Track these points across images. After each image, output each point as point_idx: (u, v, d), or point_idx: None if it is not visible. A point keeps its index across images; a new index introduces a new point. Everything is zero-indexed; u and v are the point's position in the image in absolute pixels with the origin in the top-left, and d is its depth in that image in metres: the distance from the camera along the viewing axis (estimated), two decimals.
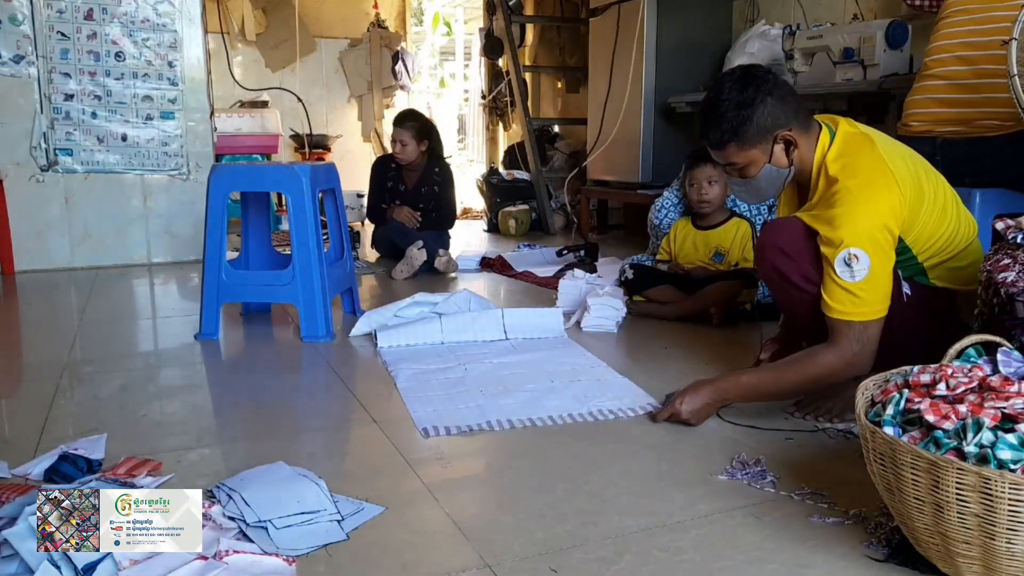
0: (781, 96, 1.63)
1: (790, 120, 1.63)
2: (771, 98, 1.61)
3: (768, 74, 1.66)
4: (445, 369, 2.13)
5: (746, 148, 1.64)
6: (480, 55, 6.36)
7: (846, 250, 1.53)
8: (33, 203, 3.77)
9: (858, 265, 1.52)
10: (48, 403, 1.88)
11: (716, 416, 1.73)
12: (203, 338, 2.48)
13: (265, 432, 1.72)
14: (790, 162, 1.66)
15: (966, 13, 2.18)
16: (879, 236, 1.54)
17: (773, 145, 1.64)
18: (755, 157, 1.65)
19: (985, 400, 1.06)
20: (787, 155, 1.65)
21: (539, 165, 5.27)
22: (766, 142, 1.64)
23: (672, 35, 4.23)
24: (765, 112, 1.61)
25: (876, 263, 1.53)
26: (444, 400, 1.88)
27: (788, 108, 1.63)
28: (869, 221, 1.53)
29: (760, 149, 1.64)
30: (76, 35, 3.74)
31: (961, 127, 2.16)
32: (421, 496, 1.39)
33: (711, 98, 1.66)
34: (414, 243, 3.56)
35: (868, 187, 1.55)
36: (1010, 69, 1.72)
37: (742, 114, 1.61)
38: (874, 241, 1.53)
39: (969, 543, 0.98)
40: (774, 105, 1.61)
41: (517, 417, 1.75)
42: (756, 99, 1.61)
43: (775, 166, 1.66)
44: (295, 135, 6.08)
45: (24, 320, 3.06)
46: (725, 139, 1.64)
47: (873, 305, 1.55)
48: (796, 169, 1.68)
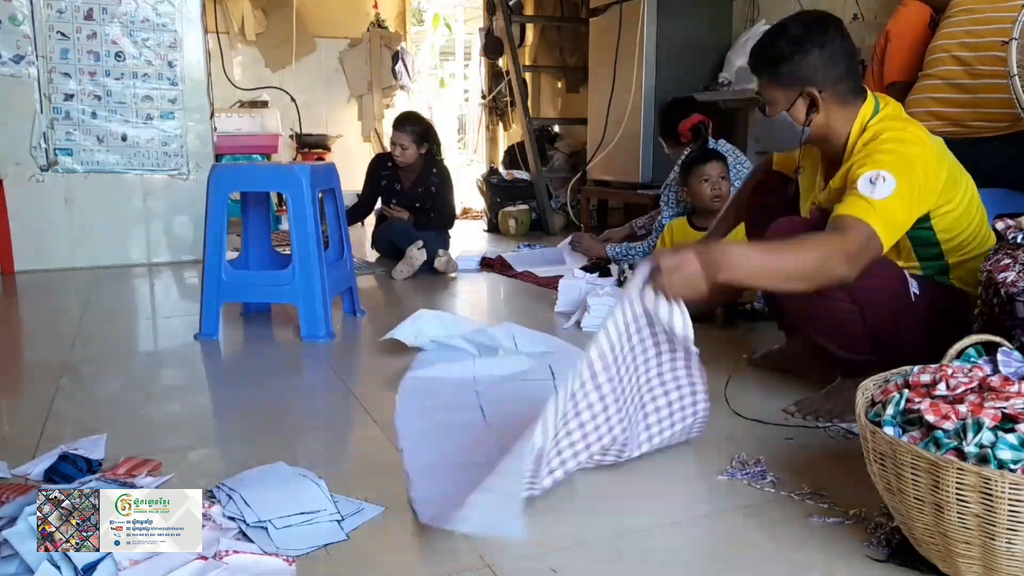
0: (831, 56, 1.59)
1: (827, 83, 1.60)
2: (821, 51, 1.58)
3: (837, 30, 1.61)
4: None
5: (774, 85, 1.64)
6: (480, 55, 6.36)
7: (874, 171, 1.47)
8: (33, 203, 3.76)
9: (883, 185, 1.46)
10: (48, 403, 1.88)
11: (726, 404, 1.75)
12: (203, 338, 2.48)
13: (265, 432, 1.72)
14: (807, 122, 1.62)
15: (968, 13, 2.18)
16: (915, 177, 1.48)
17: (798, 97, 1.62)
18: (778, 98, 1.64)
19: (985, 400, 1.06)
20: (806, 114, 1.62)
21: (539, 165, 5.28)
22: (793, 90, 1.61)
23: (672, 35, 4.23)
24: (807, 61, 1.59)
25: (902, 191, 1.45)
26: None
27: (833, 70, 1.59)
28: (902, 159, 1.49)
29: (785, 93, 1.63)
30: (76, 35, 3.74)
31: (960, 127, 2.16)
32: None
33: (777, 25, 1.66)
34: (414, 243, 3.56)
35: (906, 144, 1.52)
36: (1010, 69, 1.72)
37: (788, 50, 1.59)
38: (907, 176, 1.47)
39: (969, 543, 0.98)
40: (820, 59, 1.58)
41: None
42: (806, 44, 1.58)
43: (792, 118, 1.64)
44: (296, 135, 6.09)
45: (24, 320, 3.06)
46: (762, 66, 1.65)
47: (886, 223, 1.45)
48: (816, 134, 1.64)
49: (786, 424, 1.69)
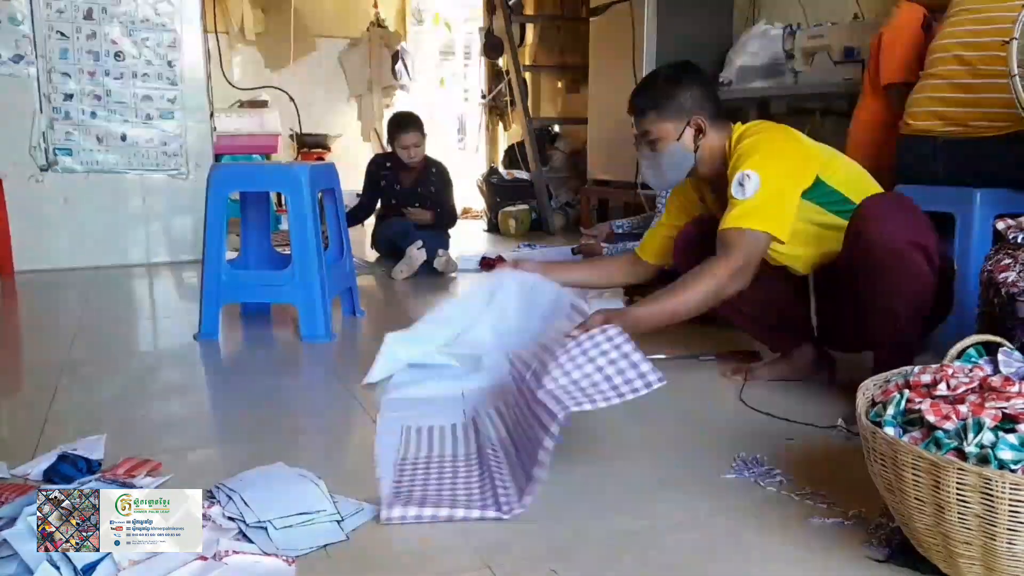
0: (707, 93, 1.83)
1: (707, 112, 1.80)
2: (697, 87, 1.81)
3: (700, 70, 1.87)
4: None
5: (662, 120, 1.80)
6: (480, 55, 6.36)
7: (740, 172, 1.66)
8: (32, 203, 3.76)
9: (749, 183, 1.65)
10: (48, 403, 1.88)
11: (735, 403, 1.81)
12: (203, 338, 2.47)
13: (265, 432, 1.72)
14: (696, 147, 1.81)
15: (969, 13, 2.18)
16: (777, 163, 1.67)
17: (686, 127, 1.79)
18: (667, 132, 1.80)
19: (986, 400, 1.06)
20: (695, 141, 1.80)
21: (539, 165, 5.27)
22: (680, 121, 1.79)
23: (672, 35, 4.23)
24: (688, 95, 1.79)
25: (769, 183, 1.64)
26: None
27: (709, 104, 1.81)
28: (766, 149, 1.69)
29: (674, 125, 1.80)
30: (75, 35, 3.74)
31: (961, 127, 2.16)
32: None
33: (650, 73, 1.91)
34: (414, 243, 3.56)
35: (768, 132, 1.74)
36: (1010, 69, 1.72)
37: (668, 88, 1.80)
38: (768, 166, 1.66)
39: (970, 543, 0.98)
40: (698, 93, 1.80)
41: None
42: (684, 82, 1.80)
43: (683, 147, 1.80)
44: (295, 135, 6.08)
45: (24, 320, 3.06)
46: (648, 106, 1.81)
47: (762, 217, 1.64)
48: (703, 156, 1.81)
49: (794, 421, 1.69)
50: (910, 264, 1.60)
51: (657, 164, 1.85)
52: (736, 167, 1.69)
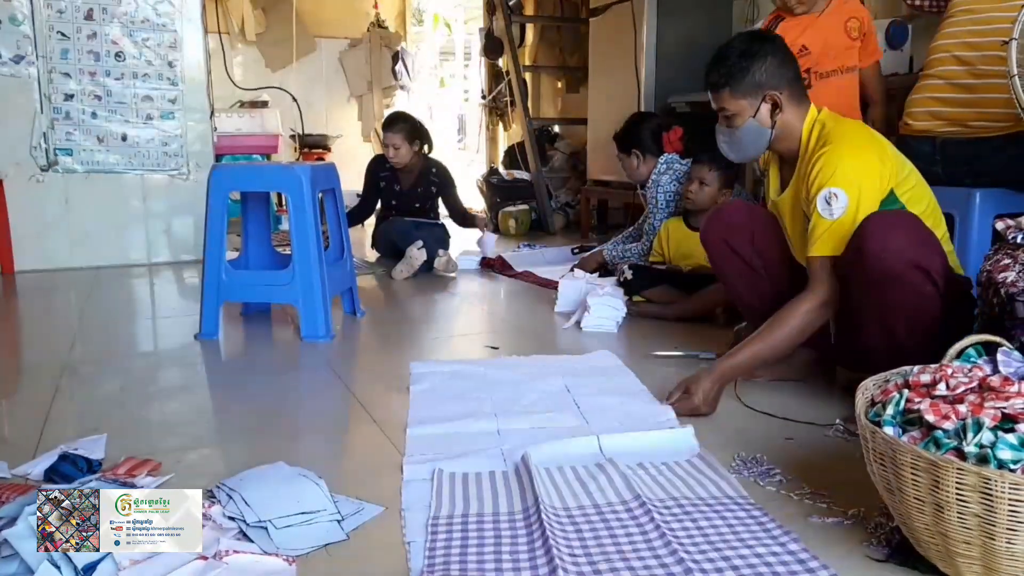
0: (782, 61, 1.75)
1: (783, 85, 1.75)
2: (772, 58, 1.74)
3: (777, 39, 1.80)
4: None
5: (737, 96, 1.75)
6: (480, 55, 6.36)
7: (826, 190, 1.63)
8: (33, 203, 3.76)
9: (836, 204, 1.62)
10: (48, 403, 1.88)
11: (739, 401, 1.82)
12: (203, 338, 2.48)
13: (265, 432, 1.72)
14: (773, 123, 1.76)
15: (969, 13, 2.18)
16: (865, 182, 1.63)
17: (761, 102, 1.75)
18: (743, 108, 1.76)
19: (985, 400, 1.06)
20: (772, 116, 1.76)
21: (539, 165, 5.27)
22: (756, 97, 1.75)
23: (672, 35, 4.23)
24: (763, 68, 1.73)
25: (857, 204, 1.62)
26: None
27: (785, 74, 1.75)
28: (850, 166, 1.64)
29: (749, 101, 1.75)
30: (76, 35, 3.74)
31: (961, 127, 2.16)
32: None
33: (723, 44, 1.80)
34: (414, 243, 3.56)
35: (852, 141, 1.67)
36: (1010, 69, 1.72)
37: (742, 63, 1.74)
38: (855, 184, 1.62)
39: (969, 543, 0.98)
40: (773, 65, 1.74)
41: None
42: (759, 54, 1.74)
43: (759, 123, 1.76)
44: (296, 135, 6.08)
45: (24, 320, 3.06)
46: (722, 82, 1.76)
47: (846, 240, 1.62)
48: (780, 134, 1.77)
49: (794, 421, 1.69)
50: (910, 285, 1.56)
51: (734, 140, 1.82)
52: (821, 175, 1.65)
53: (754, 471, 1.45)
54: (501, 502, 1.33)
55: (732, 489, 1.35)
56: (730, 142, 1.84)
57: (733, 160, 1.97)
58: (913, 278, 1.55)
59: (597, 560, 1.13)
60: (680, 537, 1.19)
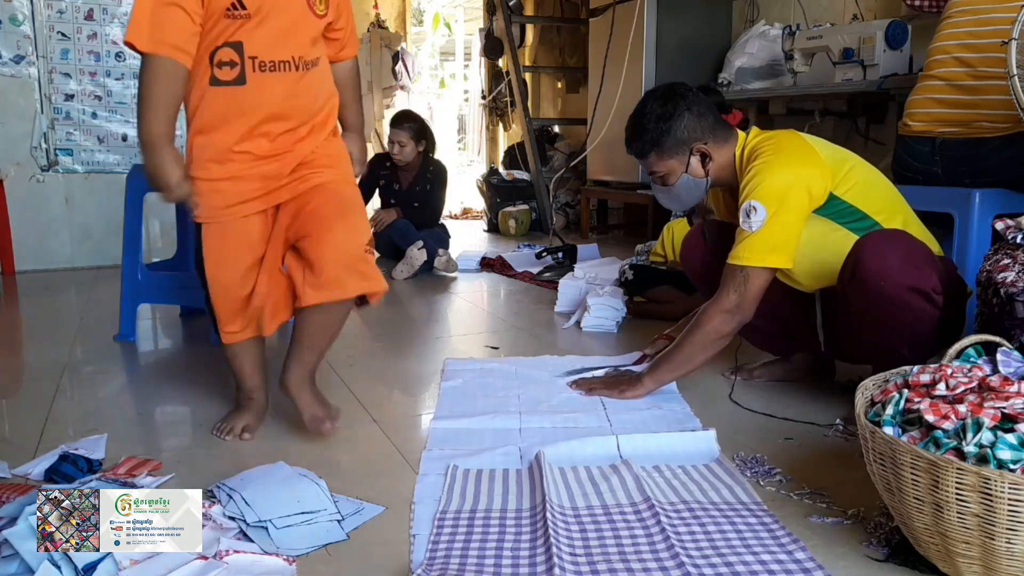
0: (699, 112, 1.75)
1: (706, 134, 1.75)
2: (689, 113, 1.74)
3: (688, 91, 1.78)
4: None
5: (665, 158, 1.77)
6: (480, 55, 6.36)
7: (747, 203, 1.64)
8: (33, 203, 3.77)
9: (755, 216, 1.63)
10: (48, 403, 1.88)
11: (732, 403, 1.83)
12: (120, 339, 2.47)
13: (265, 432, 1.72)
14: (706, 172, 1.78)
15: (968, 14, 2.18)
16: (783, 192, 1.62)
17: (690, 156, 1.76)
18: (673, 167, 1.77)
19: (985, 400, 1.06)
20: (703, 166, 1.77)
21: (539, 165, 5.28)
22: (683, 153, 1.76)
23: (672, 35, 4.23)
24: (683, 126, 1.74)
25: (775, 215, 1.62)
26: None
27: (705, 123, 1.76)
28: (774, 178, 1.63)
29: (678, 160, 1.76)
30: (76, 35, 3.75)
31: (960, 128, 2.16)
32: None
33: (636, 112, 1.80)
34: (414, 243, 3.56)
35: (776, 154, 1.67)
36: (1010, 69, 1.72)
37: (661, 127, 1.74)
38: (774, 196, 1.62)
39: (969, 543, 0.99)
40: (692, 120, 1.74)
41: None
42: (675, 113, 1.74)
43: (692, 176, 1.77)
44: None
45: (24, 320, 3.06)
46: (646, 149, 1.77)
47: (765, 251, 1.63)
48: (716, 175, 1.78)
49: (794, 421, 1.69)
50: (908, 310, 1.53)
51: (673, 196, 1.83)
52: (746, 189, 1.66)
53: (754, 471, 1.45)
54: (510, 499, 1.34)
55: (746, 495, 1.35)
56: (669, 198, 1.86)
57: (678, 212, 2.00)
58: (912, 302, 1.53)
59: (597, 560, 1.14)
60: (685, 541, 1.19)
